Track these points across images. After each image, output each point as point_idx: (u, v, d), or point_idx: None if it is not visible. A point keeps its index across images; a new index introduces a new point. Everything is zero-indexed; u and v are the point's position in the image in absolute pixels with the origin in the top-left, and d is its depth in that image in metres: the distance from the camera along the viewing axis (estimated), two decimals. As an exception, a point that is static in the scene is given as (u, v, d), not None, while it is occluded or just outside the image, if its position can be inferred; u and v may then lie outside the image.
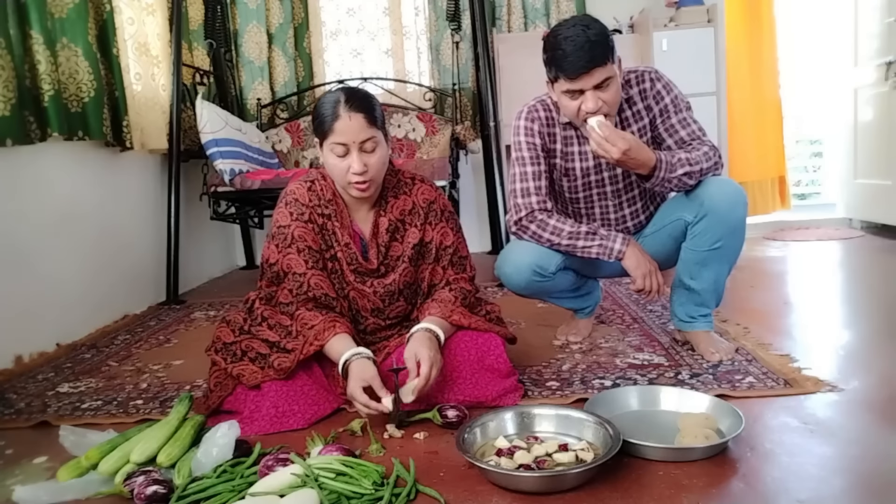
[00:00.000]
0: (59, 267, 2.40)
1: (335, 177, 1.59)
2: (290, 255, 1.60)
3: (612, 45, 1.64)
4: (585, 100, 1.64)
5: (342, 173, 1.54)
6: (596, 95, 1.63)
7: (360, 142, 1.51)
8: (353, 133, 1.50)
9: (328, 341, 1.52)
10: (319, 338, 1.52)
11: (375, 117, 1.54)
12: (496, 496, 1.16)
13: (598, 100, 1.63)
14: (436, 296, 1.66)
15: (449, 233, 1.70)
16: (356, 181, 1.54)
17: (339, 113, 1.50)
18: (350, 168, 1.52)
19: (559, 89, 1.68)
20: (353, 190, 1.56)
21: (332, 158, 1.54)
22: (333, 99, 1.53)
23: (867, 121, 3.86)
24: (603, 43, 1.60)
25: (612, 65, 1.63)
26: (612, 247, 1.73)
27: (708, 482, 1.16)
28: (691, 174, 1.67)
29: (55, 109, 2.28)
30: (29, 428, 1.62)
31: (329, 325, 1.54)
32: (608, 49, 1.61)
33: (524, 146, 1.82)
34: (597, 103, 1.64)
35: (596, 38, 1.59)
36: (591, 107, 1.63)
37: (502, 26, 3.87)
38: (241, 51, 3.82)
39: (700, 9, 3.63)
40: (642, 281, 1.71)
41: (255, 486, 1.17)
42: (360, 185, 1.55)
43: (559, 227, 1.76)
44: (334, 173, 1.58)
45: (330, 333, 1.52)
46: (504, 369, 1.59)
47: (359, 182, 1.54)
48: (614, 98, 1.67)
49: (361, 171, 1.52)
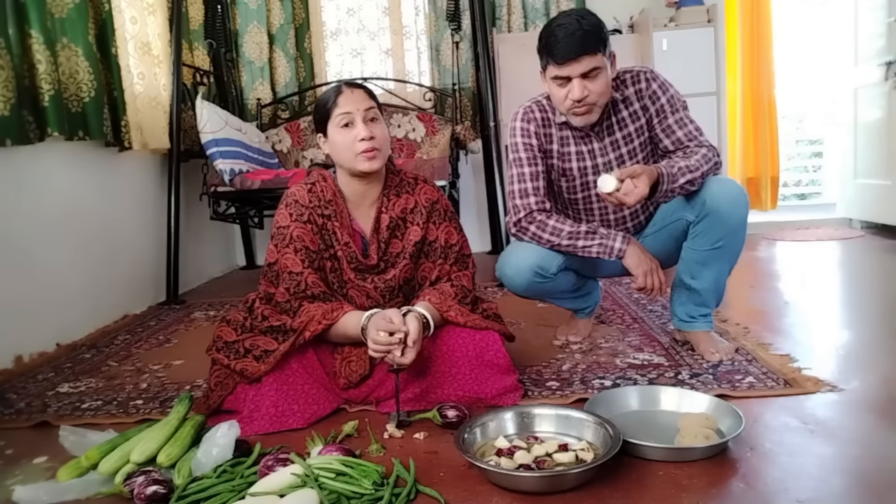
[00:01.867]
0: (59, 267, 2.40)
1: (343, 152, 1.60)
2: (287, 255, 1.61)
3: (605, 38, 1.65)
4: (572, 87, 1.65)
5: (350, 144, 1.57)
6: (583, 84, 1.65)
7: (363, 110, 1.58)
8: (356, 102, 1.59)
9: (338, 319, 1.53)
10: (328, 316, 1.53)
11: (374, 95, 1.65)
12: (496, 496, 1.16)
13: (585, 88, 1.65)
14: (437, 286, 1.67)
15: (454, 232, 1.72)
16: (364, 148, 1.57)
17: (342, 90, 1.61)
18: (357, 136, 1.56)
19: (549, 76, 1.69)
20: (362, 161, 1.58)
21: (339, 134, 1.59)
22: (333, 86, 1.64)
23: (867, 121, 3.85)
24: (595, 34, 1.62)
25: (601, 56, 1.64)
26: (612, 245, 1.73)
27: (708, 482, 1.16)
28: (693, 181, 1.66)
29: (55, 109, 2.28)
30: (29, 428, 1.62)
31: (337, 307, 1.56)
32: (600, 40, 1.63)
33: (521, 147, 1.82)
34: (582, 91, 1.65)
35: (588, 27, 1.62)
36: (576, 94, 1.65)
37: (502, 26, 3.87)
38: (242, 51, 3.82)
39: (700, 9, 3.62)
40: (644, 279, 1.71)
41: (255, 486, 1.17)
42: (369, 153, 1.57)
43: (559, 227, 1.76)
44: (342, 149, 1.59)
45: (339, 313, 1.54)
46: (504, 364, 1.59)
47: (367, 150, 1.57)
48: (601, 89, 1.67)
49: (369, 137, 1.57)
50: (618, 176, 1.58)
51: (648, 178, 1.58)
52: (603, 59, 1.65)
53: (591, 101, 1.67)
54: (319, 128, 1.65)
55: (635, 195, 1.56)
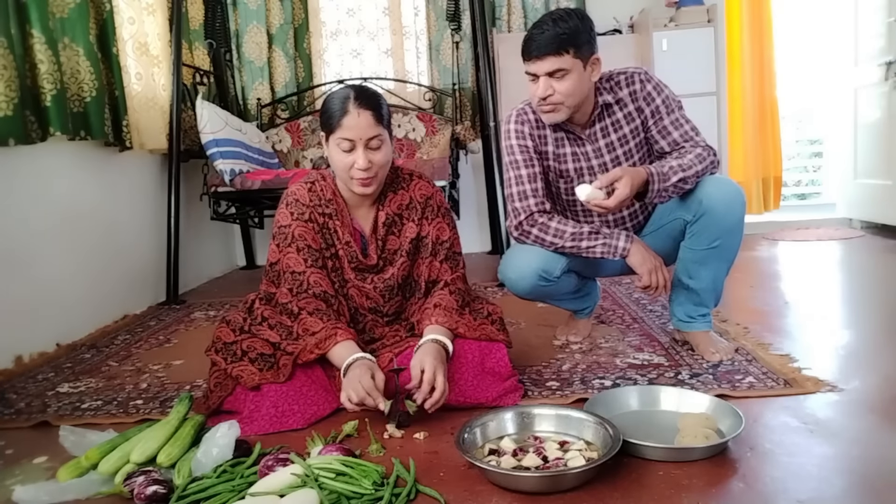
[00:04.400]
0: (59, 267, 2.40)
1: (339, 171, 1.59)
2: (289, 254, 1.61)
3: (580, 41, 1.64)
4: (539, 84, 1.67)
5: (346, 168, 1.55)
6: (548, 83, 1.67)
7: (366, 139, 1.53)
8: (360, 130, 1.52)
9: (329, 350, 1.53)
10: (321, 346, 1.53)
11: (382, 115, 1.56)
12: (496, 496, 1.16)
13: (550, 87, 1.67)
14: (437, 299, 1.65)
15: (445, 228, 1.71)
16: (360, 177, 1.55)
17: (349, 109, 1.52)
18: (354, 164, 1.54)
19: (524, 71, 1.71)
20: (356, 185, 1.57)
21: (338, 153, 1.56)
22: (343, 95, 1.55)
23: (867, 121, 3.85)
24: (567, 35, 1.62)
25: (569, 58, 1.64)
26: (616, 245, 1.72)
27: (708, 482, 1.16)
28: (686, 179, 1.66)
29: (57, 109, 2.28)
30: (29, 428, 1.62)
31: (331, 334, 1.54)
32: (569, 43, 1.63)
33: (516, 149, 1.82)
34: (546, 90, 1.67)
35: (562, 30, 1.62)
36: (540, 92, 1.68)
37: (502, 26, 3.87)
38: (242, 51, 3.82)
39: (700, 9, 3.62)
40: (648, 277, 1.70)
41: (255, 486, 1.17)
42: (364, 181, 1.56)
43: (561, 229, 1.76)
44: (338, 168, 1.58)
45: (331, 342, 1.53)
46: (505, 372, 1.60)
47: (362, 178, 1.55)
48: (567, 91, 1.67)
49: (366, 168, 1.54)
50: (597, 185, 1.60)
51: (631, 179, 1.58)
52: (572, 60, 1.64)
53: (555, 100, 1.68)
54: (324, 129, 1.60)
55: (615, 198, 1.57)
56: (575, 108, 1.73)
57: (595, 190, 1.60)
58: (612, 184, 1.59)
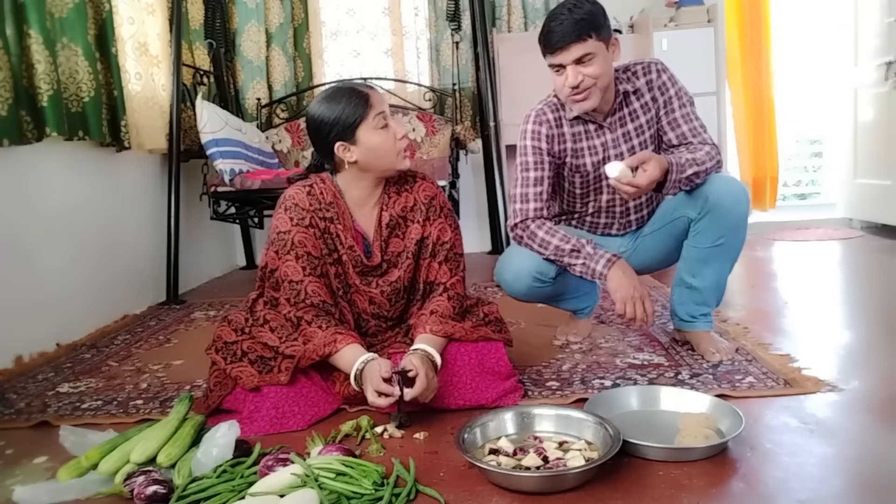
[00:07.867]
0: (59, 267, 2.40)
1: (385, 155, 1.58)
2: (288, 262, 1.58)
3: (598, 24, 1.65)
4: (567, 74, 1.67)
5: (392, 144, 1.58)
6: (577, 70, 1.66)
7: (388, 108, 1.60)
8: (384, 102, 1.59)
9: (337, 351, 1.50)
10: (327, 348, 1.51)
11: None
12: (496, 496, 1.16)
13: (580, 74, 1.66)
14: (434, 305, 1.63)
15: (447, 229, 1.70)
16: (405, 146, 1.61)
17: (365, 91, 1.57)
18: (396, 134, 1.58)
19: (548, 65, 1.71)
20: (402, 160, 1.61)
21: (378, 136, 1.56)
22: (347, 89, 1.58)
23: (867, 121, 3.85)
24: (586, 21, 1.63)
25: (593, 41, 1.64)
26: (594, 268, 1.70)
27: (708, 482, 1.16)
28: (699, 174, 1.68)
29: (53, 109, 2.27)
30: (29, 428, 1.62)
31: (334, 339, 1.51)
32: (590, 27, 1.63)
33: (529, 150, 1.83)
34: (577, 77, 1.66)
35: (579, 15, 1.63)
36: (571, 81, 1.67)
37: (502, 26, 3.87)
38: (240, 50, 3.81)
39: (700, 9, 3.62)
40: (622, 306, 1.66)
41: (255, 486, 1.17)
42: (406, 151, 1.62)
43: (546, 241, 1.76)
44: (384, 151, 1.58)
45: (341, 344, 1.50)
46: (504, 372, 1.59)
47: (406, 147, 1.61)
48: (598, 72, 1.67)
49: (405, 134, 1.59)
50: (629, 164, 1.58)
51: (658, 163, 1.59)
52: (595, 43, 1.65)
53: (587, 85, 1.68)
54: (344, 137, 1.55)
55: (646, 177, 1.56)
56: (605, 90, 1.73)
57: (626, 168, 1.58)
58: (640, 164, 1.58)
